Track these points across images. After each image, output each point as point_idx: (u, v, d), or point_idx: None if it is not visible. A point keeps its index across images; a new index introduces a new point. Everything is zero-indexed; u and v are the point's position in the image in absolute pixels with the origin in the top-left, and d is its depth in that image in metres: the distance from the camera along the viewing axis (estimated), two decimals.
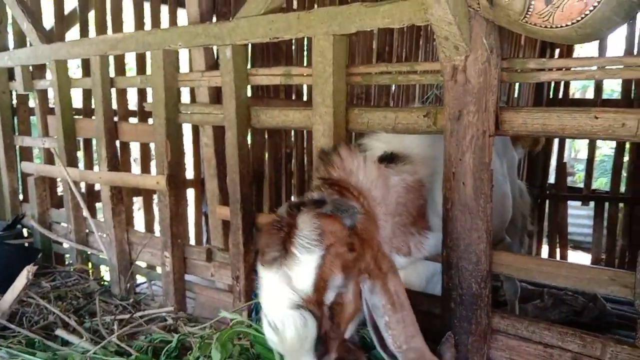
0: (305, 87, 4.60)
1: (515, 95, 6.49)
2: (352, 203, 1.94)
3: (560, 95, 6.24)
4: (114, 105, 4.33)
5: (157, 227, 5.03)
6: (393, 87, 5.66)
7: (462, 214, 2.18)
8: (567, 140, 8.94)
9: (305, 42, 4.66)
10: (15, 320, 3.06)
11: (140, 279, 4.22)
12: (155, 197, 4.83)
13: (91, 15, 4.74)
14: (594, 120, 1.97)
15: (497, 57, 2.08)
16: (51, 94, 4.47)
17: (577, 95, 10.40)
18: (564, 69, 2.20)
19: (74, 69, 6.41)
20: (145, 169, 5.10)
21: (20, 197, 4.84)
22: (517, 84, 6.19)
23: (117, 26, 4.68)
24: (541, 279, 2.16)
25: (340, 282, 1.76)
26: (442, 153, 2.35)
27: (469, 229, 2.17)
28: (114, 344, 2.65)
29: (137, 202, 5.85)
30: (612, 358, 1.99)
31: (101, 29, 4.62)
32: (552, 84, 6.18)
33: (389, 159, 2.24)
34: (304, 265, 1.70)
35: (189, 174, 5.52)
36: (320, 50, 2.49)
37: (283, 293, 1.68)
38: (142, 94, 4.85)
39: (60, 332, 2.81)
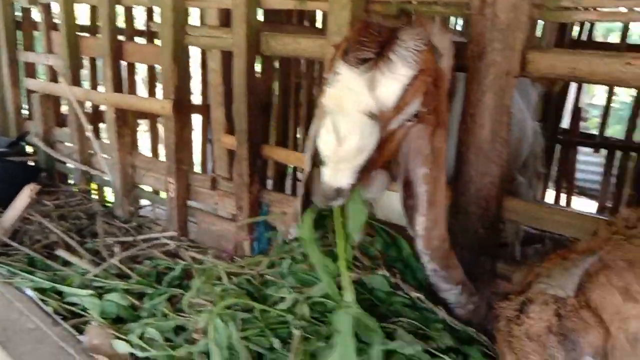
0: (319, 15, 4.39)
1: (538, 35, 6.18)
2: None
3: (585, 38, 5.96)
4: (122, 24, 4.18)
5: (162, 150, 4.99)
6: None
7: (476, 157, 2.10)
8: (584, 85, 8.64)
9: None
10: (17, 238, 3.07)
11: (144, 200, 4.21)
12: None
13: None
14: (626, 67, 1.85)
15: None
16: (55, 9, 4.30)
17: (600, 40, 9.99)
18: (597, 9, 2.05)
19: None
20: (152, 91, 4.98)
21: (25, 114, 4.76)
22: (540, 23, 5.88)
23: None
24: (552, 228, 2.11)
25: (414, 110, 1.68)
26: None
27: (481, 173, 2.10)
28: (115, 267, 2.65)
29: (144, 123, 5.77)
30: None
31: None
32: (578, 26, 5.88)
33: None
34: (398, 77, 1.58)
35: (197, 99, 5.42)
36: None
37: (364, 98, 1.56)
38: (150, 13, 4.65)
39: (61, 252, 2.82)
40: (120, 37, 4.02)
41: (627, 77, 1.86)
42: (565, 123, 6.28)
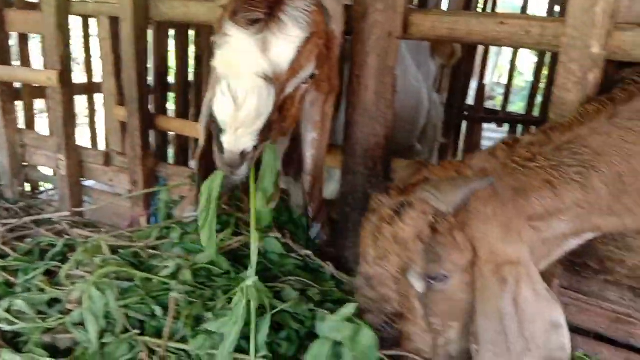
0: None
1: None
2: None
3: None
4: None
5: None
6: None
7: (362, 118, 2.11)
8: (490, 65, 9.02)
9: None
10: None
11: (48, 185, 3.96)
12: None
13: None
14: (500, 26, 1.92)
15: None
16: None
17: None
18: None
19: None
20: None
21: None
22: None
23: None
24: None
25: (308, 74, 1.68)
26: None
27: (367, 134, 2.12)
28: None
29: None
30: None
31: None
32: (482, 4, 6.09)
33: None
34: (290, 39, 1.56)
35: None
36: None
37: (257, 61, 1.52)
38: None
39: None
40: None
41: (502, 37, 1.93)
42: (471, 100, 6.53)
